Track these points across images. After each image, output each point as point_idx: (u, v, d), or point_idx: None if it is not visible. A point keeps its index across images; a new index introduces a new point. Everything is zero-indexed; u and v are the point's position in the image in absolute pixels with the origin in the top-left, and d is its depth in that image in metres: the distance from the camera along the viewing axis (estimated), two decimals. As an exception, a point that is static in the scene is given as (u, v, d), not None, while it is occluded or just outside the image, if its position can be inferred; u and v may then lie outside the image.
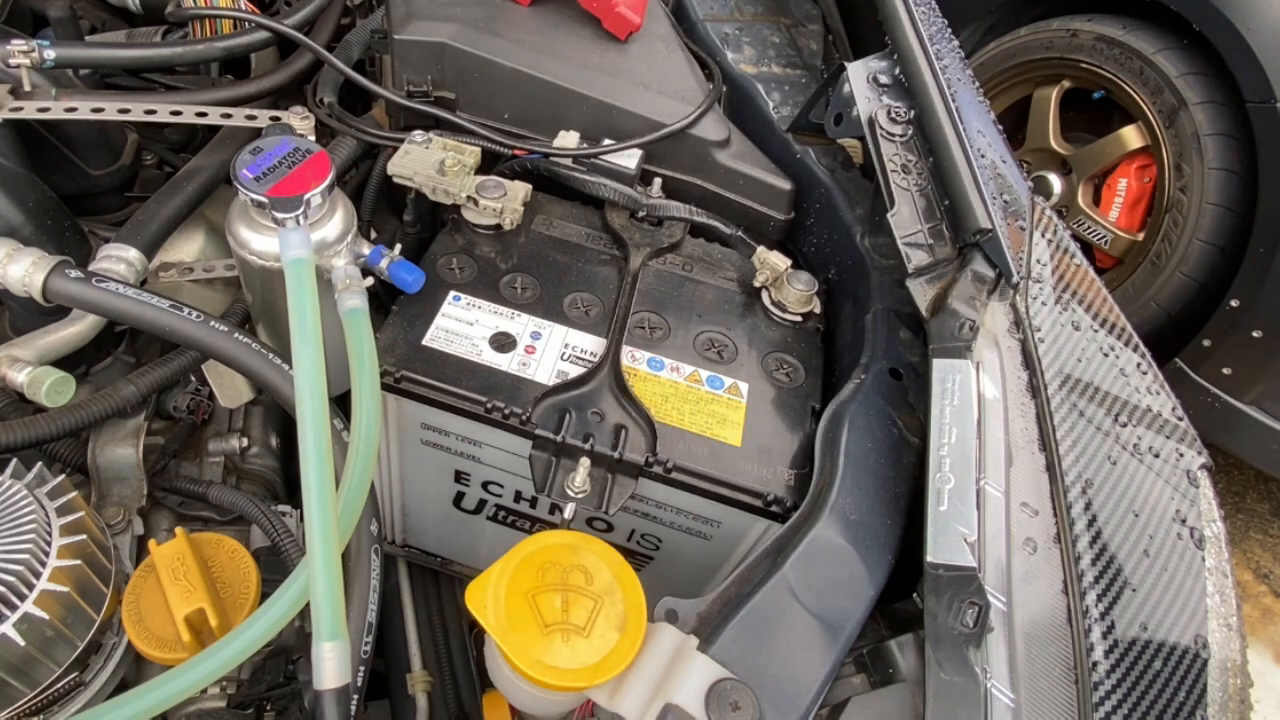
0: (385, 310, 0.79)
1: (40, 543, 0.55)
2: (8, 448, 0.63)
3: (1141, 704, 0.59)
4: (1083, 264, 0.86)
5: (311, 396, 0.58)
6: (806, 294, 0.87)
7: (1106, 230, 2.12)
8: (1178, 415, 0.78)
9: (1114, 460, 0.71)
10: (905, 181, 0.82)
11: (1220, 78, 1.79)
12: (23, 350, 0.70)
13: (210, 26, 0.97)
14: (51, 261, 0.68)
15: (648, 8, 0.99)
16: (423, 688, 0.85)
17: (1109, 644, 0.61)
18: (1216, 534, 0.71)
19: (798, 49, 1.14)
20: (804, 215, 0.98)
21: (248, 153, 0.67)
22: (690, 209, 0.91)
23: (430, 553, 0.93)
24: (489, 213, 0.83)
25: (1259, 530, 2.26)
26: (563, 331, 0.78)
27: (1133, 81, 1.94)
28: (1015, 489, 0.64)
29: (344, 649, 0.52)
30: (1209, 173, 1.85)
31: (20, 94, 0.79)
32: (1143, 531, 0.68)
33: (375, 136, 0.90)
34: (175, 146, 1.02)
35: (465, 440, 0.76)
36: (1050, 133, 2.21)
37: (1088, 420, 0.73)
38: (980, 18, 2.31)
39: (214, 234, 0.89)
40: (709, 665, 0.50)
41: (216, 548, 0.65)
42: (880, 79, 0.90)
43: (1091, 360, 0.77)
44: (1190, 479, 0.74)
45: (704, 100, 0.94)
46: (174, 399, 0.83)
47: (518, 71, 0.90)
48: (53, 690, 0.58)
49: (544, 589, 0.55)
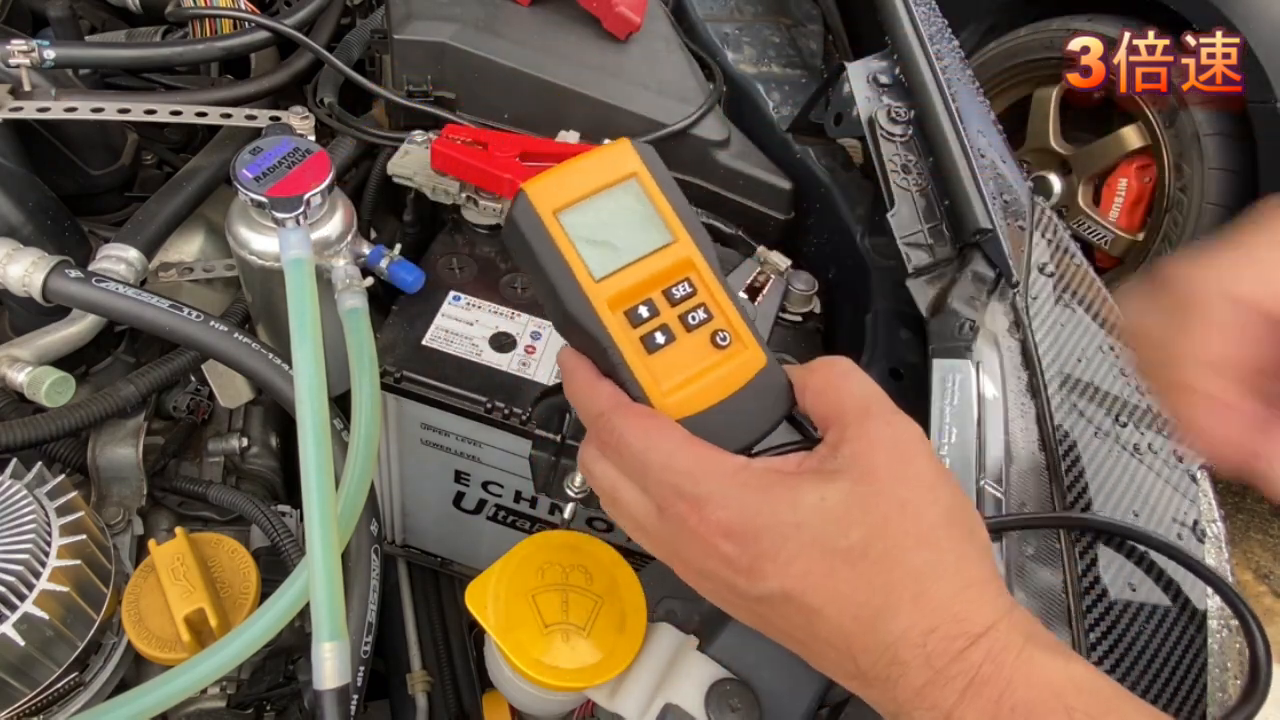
0: (385, 310, 0.79)
1: (40, 543, 0.55)
2: (7, 448, 0.63)
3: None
4: (1083, 264, 0.86)
5: (311, 396, 0.58)
6: (806, 294, 0.87)
7: (1106, 230, 2.12)
8: (1178, 415, 0.78)
9: (1114, 460, 0.71)
10: (905, 181, 0.82)
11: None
12: (22, 350, 0.70)
13: (210, 26, 0.97)
14: (51, 261, 0.68)
15: (648, 8, 0.99)
16: (423, 688, 0.85)
17: (1108, 645, 0.61)
18: (1216, 534, 0.71)
19: (798, 49, 1.14)
20: (804, 215, 0.98)
21: (248, 153, 0.67)
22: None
23: (430, 553, 0.93)
24: (489, 213, 0.83)
25: (1259, 530, 2.26)
26: (563, 331, 0.77)
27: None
28: (1015, 489, 0.64)
29: (344, 649, 0.52)
30: (1209, 173, 1.85)
31: (20, 94, 0.79)
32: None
33: (375, 136, 0.90)
34: (175, 146, 1.02)
35: (465, 440, 0.76)
36: (1050, 133, 2.21)
37: (1088, 420, 0.73)
38: (980, 18, 2.31)
39: (214, 234, 0.89)
40: (709, 665, 0.50)
41: (216, 548, 0.65)
42: (880, 79, 0.90)
43: (1091, 360, 0.77)
44: (1191, 479, 0.74)
45: (704, 100, 0.94)
46: (174, 399, 0.83)
47: (518, 71, 0.90)
48: (52, 690, 0.58)
49: (544, 589, 0.55)
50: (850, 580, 0.38)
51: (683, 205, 0.48)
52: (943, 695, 0.36)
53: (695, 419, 0.44)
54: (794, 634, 0.41)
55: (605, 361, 0.45)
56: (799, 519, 0.39)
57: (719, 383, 0.45)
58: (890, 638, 0.37)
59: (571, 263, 0.45)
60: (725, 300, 0.47)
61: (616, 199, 0.47)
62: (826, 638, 0.39)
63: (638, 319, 0.45)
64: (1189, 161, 1.86)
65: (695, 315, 0.46)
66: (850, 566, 0.38)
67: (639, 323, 0.45)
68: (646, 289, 0.46)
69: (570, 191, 0.46)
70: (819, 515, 0.39)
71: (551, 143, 0.86)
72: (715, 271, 0.48)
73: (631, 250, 0.46)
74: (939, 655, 0.36)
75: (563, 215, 0.45)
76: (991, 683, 0.36)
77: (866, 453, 0.40)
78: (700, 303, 0.47)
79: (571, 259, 0.45)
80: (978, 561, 0.39)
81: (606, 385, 0.45)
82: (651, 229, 0.47)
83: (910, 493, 0.40)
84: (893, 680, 0.37)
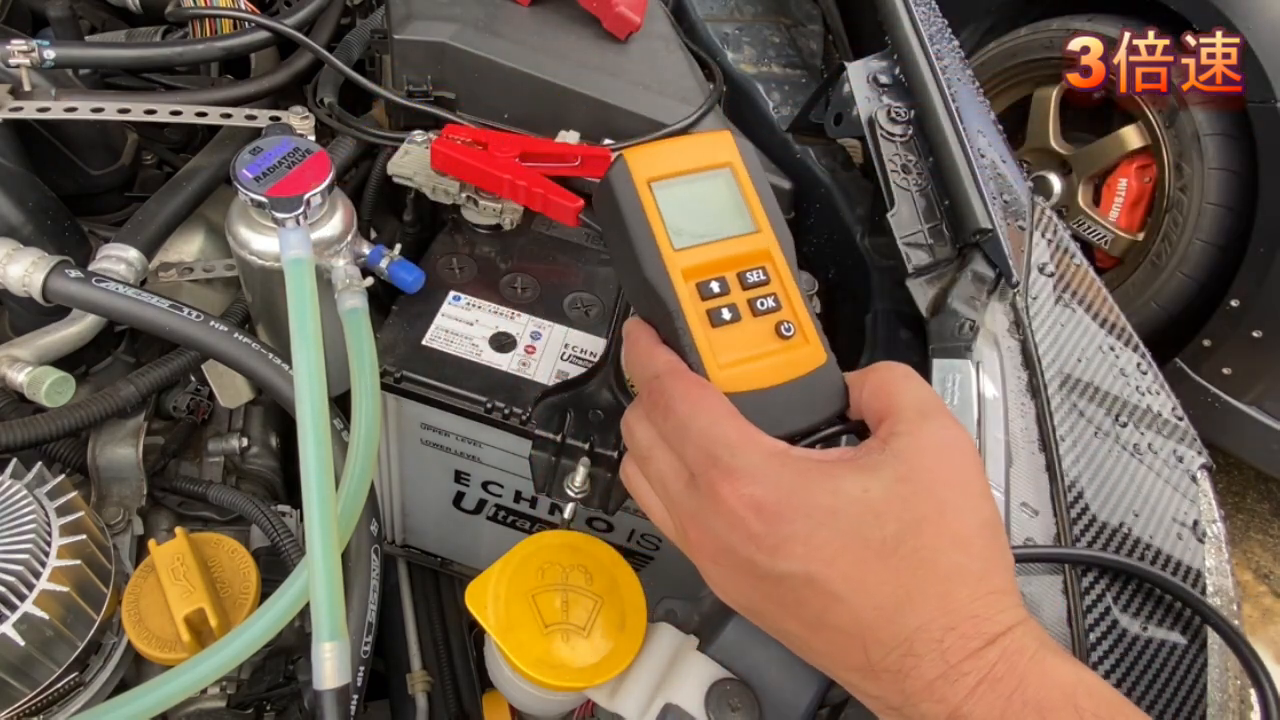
0: (385, 310, 0.79)
1: (40, 543, 0.55)
2: (7, 448, 0.63)
3: (1141, 704, 0.59)
4: (1083, 264, 0.86)
5: (311, 396, 0.58)
6: (806, 294, 0.86)
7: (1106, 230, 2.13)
8: (1178, 415, 0.79)
9: (1114, 460, 0.71)
10: (905, 181, 0.82)
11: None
12: (22, 350, 0.70)
13: (210, 26, 0.97)
14: (51, 261, 0.68)
15: (648, 8, 0.99)
16: (423, 688, 0.85)
17: (1108, 645, 0.61)
18: (1216, 534, 0.71)
19: (798, 49, 1.14)
20: (804, 215, 0.98)
21: (247, 153, 0.67)
22: (690, 209, 0.90)
23: (430, 553, 0.93)
24: (489, 213, 0.83)
25: (1259, 530, 2.26)
26: (563, 331, 0.78)
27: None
28: (1015, 489, 0.64)
29: (344, 649, 0.52)
30: (1209, 173, 1.85)
31: (20, 94, 0.79)
32: (1143, 531, 0.68)
33: (375, 136, 0.90)
34: (175, 146, 1.02)
35: (465, 440, 0.76)
36: (1050, 133, 2.21)
37: (1088, 420, 0.73)
38: (980, 18, 2.31)
39: (214, 234, 0.89)
40: (709, 665, 0.50)
41: (216, 548, 0.65)
42: (880, 79, 0.90)
43: (1091, 360, 0.77)
44: (1191, 479, 0.74)
45: (704, 100, 0.94)
46: (174, 399, 0.83)
47: (518, 71, 0.89)
48: (52, 690, 0.58)
49: (544, 589, 0.55)
50: (878, 572, 0.39)
51: (771, 203, 0.50)
52: (953, 690, 0.37)
53: (745, 396, 0.45)
54: (802, 619, 0.41)
55: (669, 327, 0.47)
56: (836, 506, 0.40)
57: (775, 369, 0.47)
58: (908, 631, 0.38)
59: (655, 229, 0.47)
60: (796, 296, 0.49)
61: (709, 182, 0.49)
62: (839, 625, 0.40)
63: (708, 292, 0.47)
64: (1189, 161, 1.86)
65: (764, 302, 0.48)
66: (881, 559, 0.39)
67: (709, 296, 0.47)
68: (722, 268, 0.48)
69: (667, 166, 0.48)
70: (858, 505, 0.39)
71: (551, 143, 0.86)
72: (792, 269, 0.50)
73: (714, 231, 0.48)
74: (954, 651, 0.37)
75: (656, 186, 0.47)
76: (1004, 680, 0.36)
77: (915, 451, 0.41)
78: (771, 292, 0.48)
79: (656, 225, 0.47)
80: (1003, 573, 0.40)
81: (665, 351, 0.47)
82: (737, 216, 0.49)
83: (953, 496, 0.40)
84: (904, 672, 0.38)
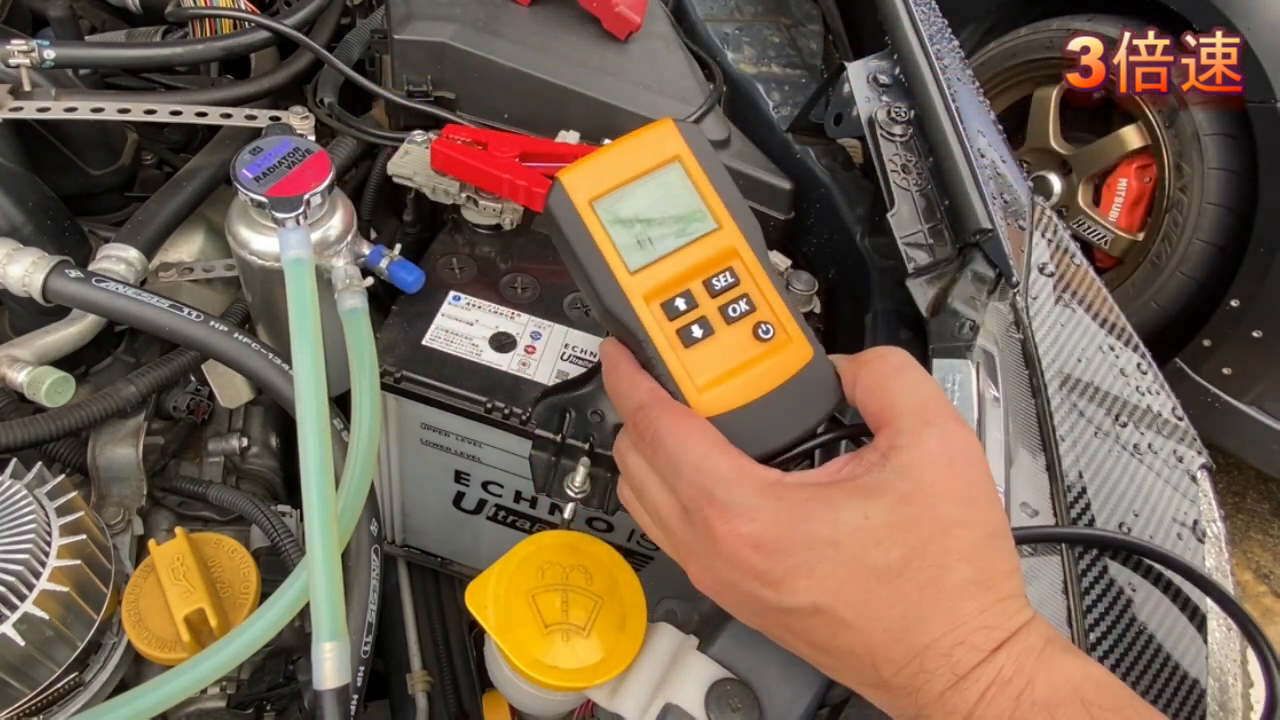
0: (385, 310, 0.79)
1: (40, 543, 0.55)
2: (7, 448, 0.63)
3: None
4: (1083, 264, 0.86)
5: (311, 396, 0.58)
6: (806, 294, 0.87)
7: (1106, 230, 2.12)
8: (1178, 415, 0.79)
9: (1114, 460, 0.71)
10: (905, 181, 0.82)
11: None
12: (22, 350, 0.70)
13: (210, 26, 0.97)
14: (51, 261, 0.68)
15: (648, 8, 0.99)
16: (423, 688, 0.85)
17: (1108, 645, 0.61)
18: (1216, 534, 0.71)
19: (798, 49, 1.14)
20: (804, 215, 0.98)
21: (247, 153, 0.67)
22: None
23: (430, 553, 0.93)
24: (489, 213, 0.83)
25: (1259, 530, 2.26)
26: (563, 331, 0.78)
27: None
28: (1015, 489, 0.64)
29: (344, 649, 0.52)
30: (1209, 173, 1.85)
31: (20, 94, 0.79)
32: (1143, 531, 0.68)
33: (375, 136, 0.90)
34: (175, 146, 1.02)
35: (465, 440, 0.76)
36: (1050, 133, 2.21)
37: (1088, 420, 0.73)
38: (980, 18, 2.31)
39: (214, 234, 0.89)
40: (709, 665, 0.50)
41: (216, 548, 0.65)
42: (880, 79, 0.90)
43: (1091, 360, 0.77)
44: (1191, 479, 0.74)
45: (704, 100, 0.94)
46: (174, 399, 0.83)
47: (518, 71, 0.90)
48: (52, 690, 0.58)
49: (544, 589, 0.55)
50: (884, 597, 0.38)
51: (728, 189, 0.46)
52: (964, 698, 0.37)
53: (734, 415, 0.43)
54: (814, 643, 0.41)
55: (642, 354, 0.44)
56: (837, 536, 0.38)
57: (761, 377, 0.44)
58: (917, 649, 0.37)
59: (606, 254, 0.44)
60: (770, 290, 0.46)
61: (657, 184, 0.45)
62: (850, 647, 0.39)
63: (674, 311, 0.44)
64: (1189, 161, 1.86)
65: (736, 307, 0.45)
66: (885, 584, 0.38)
67: (675, 315, 0.44)
68: (685, 280, 0.45)
69: (608, 179, 0.44)
70: (860, 533, 0.38)
71: (551, 143, 0.86)
72: (761, 260, 0.46)
73: (670, 240, 0.45)
74: (964, 663, 0.37)
75: (599, 204, 0.44)
76: (1013, 682, 0.36)
77: (918, 466, 0.40)
78: (743, 293, 0.45)
79: (606, 250, 0.44)
80: (1010, 578, 0.39)
81: (646, 379, 0.44)
82: (693, 216, 0.45)
83: (958, 512, 0.39)
84: (916, 688, 0.38)
